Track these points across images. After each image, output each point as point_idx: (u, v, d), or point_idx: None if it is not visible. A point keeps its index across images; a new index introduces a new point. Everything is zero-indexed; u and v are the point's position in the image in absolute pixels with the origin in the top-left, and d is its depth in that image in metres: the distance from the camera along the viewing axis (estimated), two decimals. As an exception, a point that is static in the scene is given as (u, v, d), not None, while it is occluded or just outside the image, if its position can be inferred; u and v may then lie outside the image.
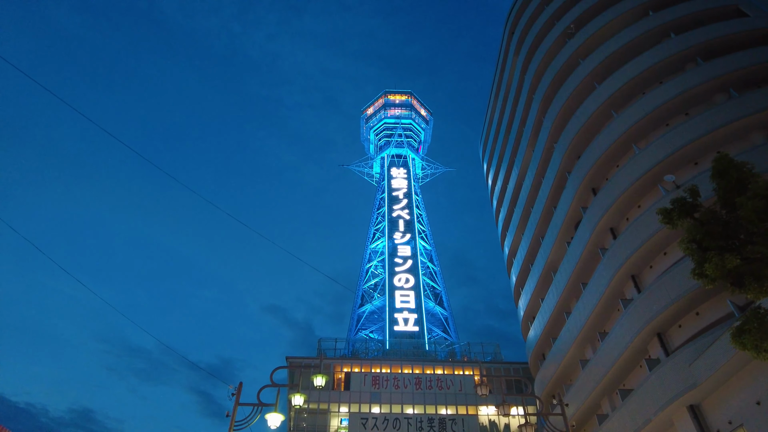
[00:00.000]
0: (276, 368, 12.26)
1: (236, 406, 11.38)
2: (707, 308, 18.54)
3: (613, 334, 22.28)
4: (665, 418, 18.70)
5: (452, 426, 45.05)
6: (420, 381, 47.85)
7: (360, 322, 68.23)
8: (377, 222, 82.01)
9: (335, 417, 46.44)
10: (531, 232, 34.40)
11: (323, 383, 11.49)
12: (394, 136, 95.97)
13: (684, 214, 11.31)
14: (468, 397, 46.79)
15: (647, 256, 21.66)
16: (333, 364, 49.59)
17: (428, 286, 71.39)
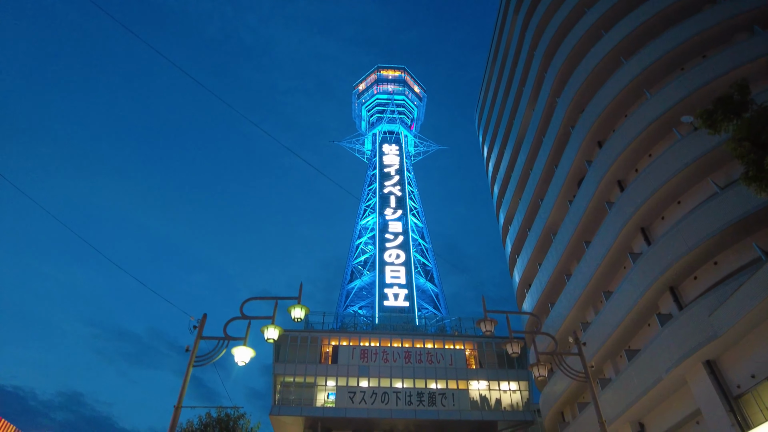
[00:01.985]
0: (246, 299, 10.32)
1: (198, 339, 9.50)
2: (728, 256, 16.94)
3: (620, 292, 20.70)
4: (677, 377, 17.19)
5: (442, 400, 43.72)
6: (409, 355, 46.38)
7: (349, 298, 66.62)
8: (368, 198, 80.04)
9: (322, 390, 44.89)
10: (529, 196, 32.70)
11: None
12: (387, 112, 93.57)
13: (730, 114, 9.53)
14: (458, 371, 45.42)
15: (659, 205, 20.00)
16: (321, 337, 47.91)
17: (419, 262, 69.83)
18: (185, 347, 9.67)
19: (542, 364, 9.90)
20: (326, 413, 42.85)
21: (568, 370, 10.43)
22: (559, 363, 10.20)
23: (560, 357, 10.33)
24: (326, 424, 43.65)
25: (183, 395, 8.98)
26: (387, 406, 42.95)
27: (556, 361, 10.38)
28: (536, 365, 9.94)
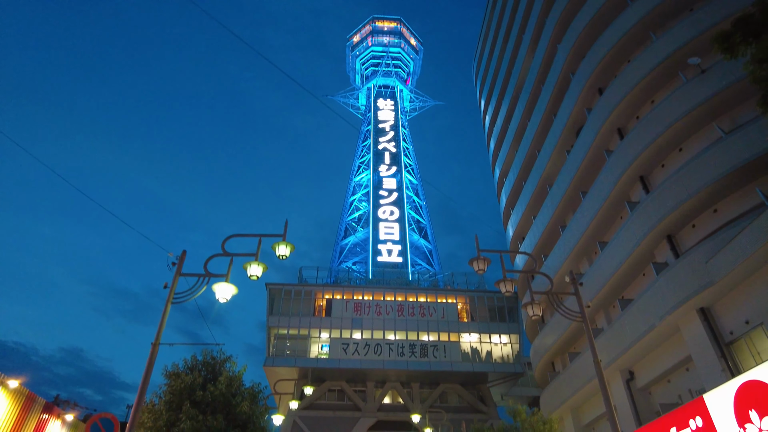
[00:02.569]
0: (228, 236, 9.74)
1: (177, 275, 8.97)
2: (729, 203, 16.50)
3: (616, 241, 20.38)
4: (670, 324, 17.10)
5: (434, 352, 44.40)
6: (402, 308, 46.77)
7: (343, 254, 66.60)
8: (362, 154, 78.77)
9: (316, 342, 45.46)
10: (526, 147, 31.95)
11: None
12: (382, 65, 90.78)
13: (749, 36, 8.76)
14: (450, 324, 45.96)
15: (660, 153, 19.38)
16: (314, 291, 48.11)
17: (413, 219, 69.54)
18: (164, 284, 9.16)
19: (536, 304, 9.57)
20: (320, 364, 43.50)
21: (564, 309, 10.09)
22: (554, 302, 9.83)
23: (555, 296, 9.95)
24: (320, 374, 44.42)
25: (161, 332, 8.55)
26: (380, 357, 43.62)
27: (552, 300, 10.02)
28: (530, 305, 9.60)
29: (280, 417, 16.71)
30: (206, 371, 12.20)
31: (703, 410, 13.82)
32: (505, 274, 9.75)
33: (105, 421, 8.24)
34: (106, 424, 8.23)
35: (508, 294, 9.66)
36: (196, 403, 11.09)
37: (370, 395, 44.99)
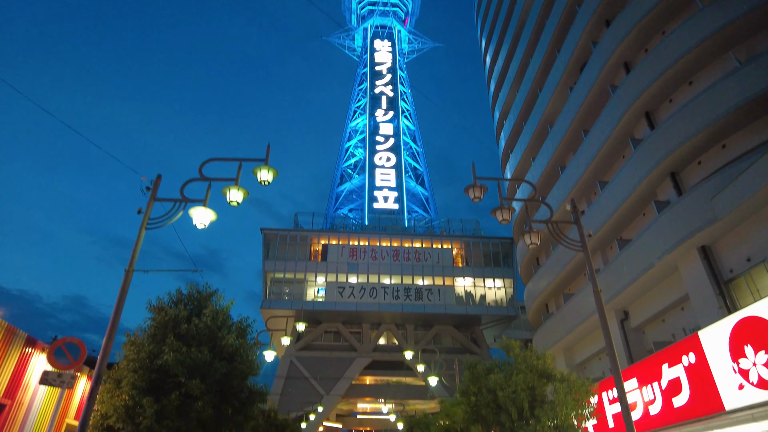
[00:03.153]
0: (206, 160, 8.99)
1: (152, 200, 8.28)
2: (739, 138, 15.74)
3: (618, 179, 19.76)
4: (668, 264, 16.79)
5: (428, 295, 44.86)
6: (398, 253, 46.82)
7: (338, 201, 66.10)
8: (358, 99, 76.55)
9: (312, 286, 45.81)
10: (527, 86, 30.67)
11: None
12: (379, 4, 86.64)
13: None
14: (445, 269, 46.18)
15: (668, 86, 18.38)
16: (310, 236, 48.00)
17: (410, 166, 68.58)
18: (137, 209, 8.53)
19: (534, 233, 9.09)
20: (316, 307, 43.99)
21: (565, 240, 9.59)
22: (554, 232, 9.30)
23: (555, 225, 9.41)
24: (316, 316, 45.04)
25: (134, 258, 8.00)
26: (375, 300, 44.08)
27: (552, 230, 9.49)
28: (529, 233, 9.10)
29: (272, 353, 16.67)
30: (192, 305, 11.78)
31: (697, 346, 13.72)
32: (502, 201, 9.17)
33: (70, 346, 7.89)
34: (71, 348, 7.89)
35: (504, 222, 9.12)
36: (181, 336, 10.74)
37: (366, 336, 45.84)
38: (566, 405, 10.33)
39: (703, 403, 13.19)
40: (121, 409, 9.81)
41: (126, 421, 9.80)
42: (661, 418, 14.51)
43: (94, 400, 6.85)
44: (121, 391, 10.04)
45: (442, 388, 35.98)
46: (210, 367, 10.58)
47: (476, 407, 11.50)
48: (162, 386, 10.25)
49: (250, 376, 11.68)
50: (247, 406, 11.64)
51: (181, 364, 10.12)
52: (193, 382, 9.99)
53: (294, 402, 39.71)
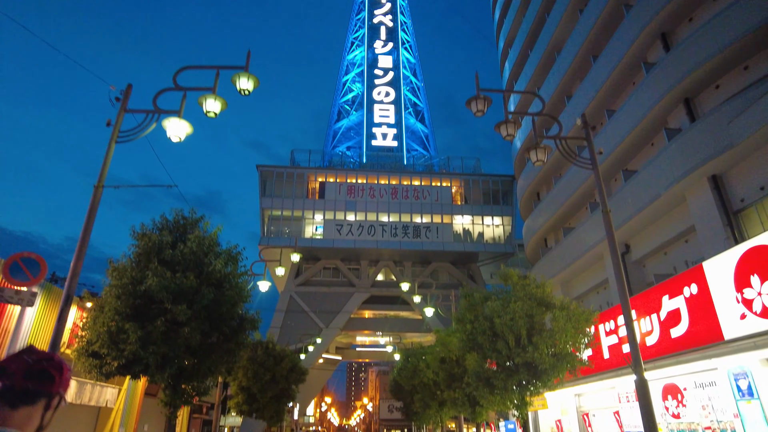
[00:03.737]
0: (181, 68, 8.03)
1: (122, 111, 7.43)
2: (763, 58, 14.59)
3: (627, 106, 18.72)
4: (675, 194, 16.15)
5: (426, 233, 44.71)
6: (396, 191, 46.20)
7: (336, 139, 64.55)
8: (355, 29, 72.86)
9: (310, 224, 45.57)
10: (535, 10, 28.71)
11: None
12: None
13: None
14: (444, 206, 45.74)
15: (689, 2, 16.93)
16: (307, 173, 47.16)
17: (410, 101, 66.38)
18: (107, 121, 7.72)
19: (541, 148, 8.36)
20: (314, 244, 43.95)
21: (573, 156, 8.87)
22: (563, 149, 8.55)
23: (565, 141, 8.65)
24: (315, 253, 45.13)
25: (104, 174, 7.29)
26: (373, 238, 43.99)
27: (560, 147, 8.74)
28: (536, 149, 8.36)
29: (266, 283, 16.41)
30: (178, 232, 11.19)
31: (700, 277, 13.38)
32: (507, 114, 8.35)
33: (29, 261, 7.39)
34: (30, 264, 7.39)
35: (509, 138, 8.35)
36: (166, 262, 10.24)
37: (364, 273, 46.18)
38: (565, 332, 10.04)
39: (701, 333, 13.02)
40: (104, 335, 9.48)
41: (110, 347, 9.50)
42: (658, 348, 14.42)
43: (64, 321, 6.40)
44: (104, 316, 9.67)
45: (438, 322, 36.52)
46: (197, 293, 10.17)
47: (472, 335, 11.26)
48: (147, 312, 9.88)
49: (240, 304, 11.33)
50: (239, 333, 11.38)
51: (165, 289, 9.69)
52: (179, 307, 9.61)
53: (294, 335, 40.53)
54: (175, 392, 10.64)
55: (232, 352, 11.38)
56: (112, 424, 16.54)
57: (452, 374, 14.92)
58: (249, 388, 22.49)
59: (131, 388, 17.04)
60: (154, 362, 9.53)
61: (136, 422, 17.55)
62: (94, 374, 9.69)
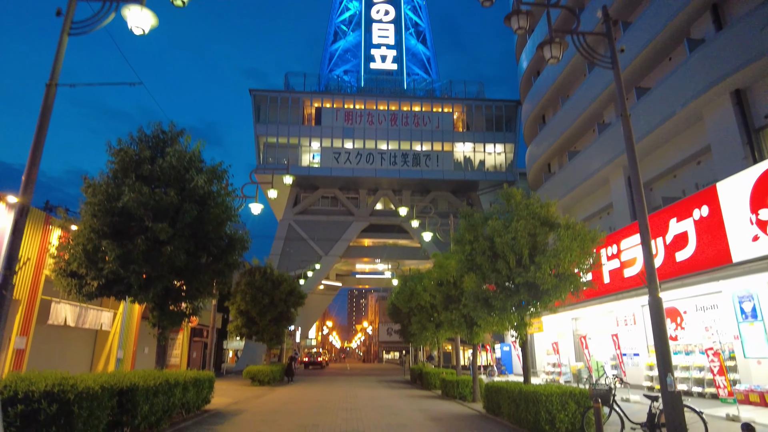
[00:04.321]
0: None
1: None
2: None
3: (646, 16, 17.17)
4: (692, 112, 15.14)
5: (426, 161, 43.70)
6: (396, 117, 44.59)
7: (332, 62, 61.63)
8: (353, -60, 67.28)
9: (307, 152, 44.43)
10: None
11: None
12: None
13: None
14: (445, 133, 44.37)
15: None
16: (302, 98, 45.29)
17: (411, 21, 62.67)
18: (57, 10, 6.63)
19: (556, 43, 7.32)
20: (312, 172, 43.08)
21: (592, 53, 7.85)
22: (581, 45, 7.51)
23: (582, 36, 7.59)
24: (312, 182, 44.39)
25: (57, 70, 6.31)
26: (372, 166, 43.04)
27: (577, 44, 7.68)
28: (549, 44, 7.35)
29: (259, 206, 15.81)
30: (157, 146, 10.32)
31: (712, 198, 12.73)
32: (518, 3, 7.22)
33: None
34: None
35: (519, 32, 7.29)
36: (144, 178, 9.47)
37: (363, 202, 45.72)
38: (570, 252, 9.48)
39: (708, 256, 12.59)
40: (80, 254, 8.92)
41: (89, 266, 8.98)
42: (662, 272, 14.06)
43: (20, 234, 5.75)
44: (80, 235, 9.07)
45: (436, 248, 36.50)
46: (178, 211, 9.51)
47: (471, 256, 10.76)
48: (126, 231, 9.28)
49: (227, 223, 10.72)
50: (228, 254, 10.86)
51: (143, 206, 9.02)
52: (159, 225, 8.98)
53: (293, 262, 40.75)
54: (163, 313, 10.30)
55: (222, 273, 10.94)
56: (110, 346, 16.60)
57: (449, 296, 14.70)
58: (248, 312, 22.67)
59: (127, 311, 16.95)
60: (136, 282, 9.07)
61: (134, 345, 17.66)
62: (74, 295, 9.25)
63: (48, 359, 13.73)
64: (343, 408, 12.79)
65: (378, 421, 10.45)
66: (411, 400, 15.19)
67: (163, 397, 8.61)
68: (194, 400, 10.74)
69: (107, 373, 7.99)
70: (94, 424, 6.41)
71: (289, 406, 13.27)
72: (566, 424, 8.50)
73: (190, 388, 10.38)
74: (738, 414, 9.86)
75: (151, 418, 8.13)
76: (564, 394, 8.64)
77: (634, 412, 9.26)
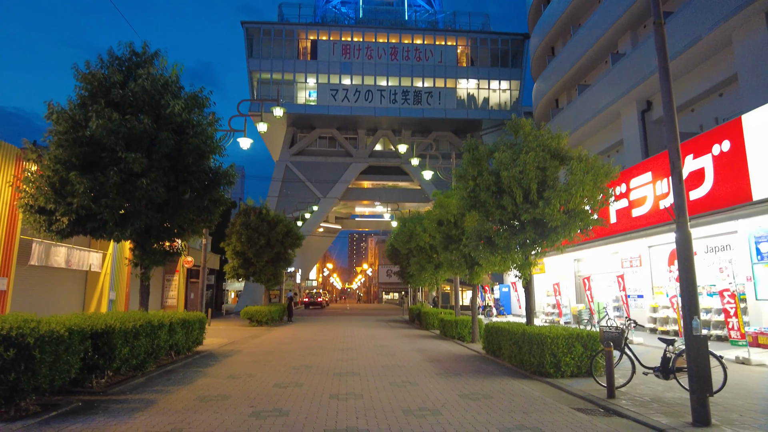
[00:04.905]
0: None
1: None
2: None
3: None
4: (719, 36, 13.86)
5: (428, 99, 41.98)
6: (396, 51, 42.36)
7: (330, -7, 57.99)
8: None
9: (302, 89, 42.58)
10: None
11: None
12: None
13: None
14: (447, 69, 42.32)
15: None
16: (297, 30, 42.83)
17: (413, -53, 58.35)
18: None
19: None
20: (308, 110, 41.50)
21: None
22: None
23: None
24: (309, 121, 42.89)
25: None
26: (371, 104, 41.41)
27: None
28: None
29: (248, 140, 14.85)
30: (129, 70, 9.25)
31: (736, 132, 11.75)
32: None
33: None
34: None
35: None
36: (115, 104, 8.51)
37: (361, 142, 44.42)
38: (583, 186, 8.69)
39: (726, 194, 11.82)
40: (45, 187, 8.13)
41: (57, 201, 8.21)
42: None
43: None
44: (46, 167, 8.24)
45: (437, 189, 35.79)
46: (154, 140, 8.63)
47: (474, 192, 9.97)
48: (97, 162, 8.45)
49: (210, 155, 9.85)
50: (212, 189, 10.07)
51: (114, 134, 8.13)
52: (132, 155, 8.13)
53: (291, 204, 40.11)
54: (145, 252, 9.67)
55: (206, 210, 10.21)
56: (101, 288, 16.19)
57: (449, 236, 14.08)
58: (244, 253, 22.26)
59: (117, 252, 16.42)
60: (111, 218, 8.33)
61: (127, 286, 17.27)
62: (44, 232, 8.56)
63: (35, 301, 13.32)
64: (339, 348, 12.50)
65: (374, 361, 10.09)
66: (409, 340, 14.96)
67: (145, 340, 8.14)
68: (183, 341, 10.34)
69: (80, 315, 7.44)
70: (63, 369, 5.89)
71: (284, 346, 12.99)
72: (572, 368, 8.07)
73: (178, 330, 9.94)
74: (748, 357, 9.46)
75: (132, 361, 7.67)
76: (570, 337, 8.14)
77: (639, 354, 8.81)
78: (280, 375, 8.36)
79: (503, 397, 6.65)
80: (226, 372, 8.70)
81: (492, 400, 6.40)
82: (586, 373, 8.07)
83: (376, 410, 5.83)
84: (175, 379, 8.00)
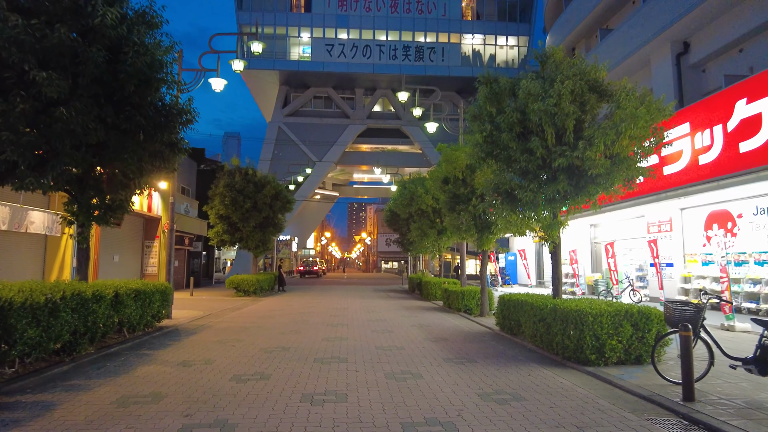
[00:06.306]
0: None
1: None
2: None
3: None
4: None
5: (430, 55, 39.26)
6: (396, 3, 39.34)
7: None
8: None
9: (296, 44, 39.80)
10: None
11: None
12: None
13: None
14: (452, 23, 39.44)
15: None
16: (289, -19, 39.80)
17: None
18: None
19: None
20: (302, 67, 38.87)
21: None
22: None
23: None
24: (303, 79, 40.28)
25: None
26: (369, 61, 38.74)
27: None
28: None
29: (222, 81, 12.73)
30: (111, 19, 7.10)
31: (803, 69, 9.77)
32: None
33: None
34: None
35: None
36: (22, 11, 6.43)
37: (359, 103, 41.92)
38: (636, 121, 6.72)
39: (788, 143, 9.90)
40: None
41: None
42: (714, 167, 11.41)
43: None
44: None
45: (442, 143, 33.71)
46: (79, 59, 6.57)
47: (492, 137, 7.99)
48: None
49: (160, 86, 7.81)
50: (166, 129, 8.05)
51: (18, 47, 6.07)
52: (44, 74, 6.09)
53: (284, 167, 38.02)
54: (80, 206, 7.74)
55: (160, 155, 8.24)
56: (63, 254, 14.34)
57: (456, 196, 12.20)
58: (228, 217, 20.43)
59: (79, 212, 14.48)
60: (22, 159, 6.34)
61: (95, 252, 15.42)
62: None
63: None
64: (329, 323, 10.75)
65: (367, 341, 8.33)
66: (409, 313, 13.23)
67: (73, 316, 6.32)
68: (138, 316, 8.56)
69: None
70: None
71: (266, 320, 11.25)
72: (618, 353, 6.27)
73: (129, 303, 8.14)
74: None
75: (49, 344, 5.86)
76: (618, 314, 6.32)
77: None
78: (246, 361, 6.58)
79: (539, 397, 4.86)
80: (179, 356, 6.92)
81: (526, 404, 4.61)
82: (635, 360, 6.31)
83: (363, 424, 4.02)
84: (109, 368, 6.21)
